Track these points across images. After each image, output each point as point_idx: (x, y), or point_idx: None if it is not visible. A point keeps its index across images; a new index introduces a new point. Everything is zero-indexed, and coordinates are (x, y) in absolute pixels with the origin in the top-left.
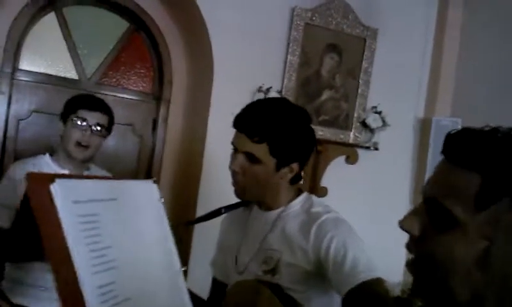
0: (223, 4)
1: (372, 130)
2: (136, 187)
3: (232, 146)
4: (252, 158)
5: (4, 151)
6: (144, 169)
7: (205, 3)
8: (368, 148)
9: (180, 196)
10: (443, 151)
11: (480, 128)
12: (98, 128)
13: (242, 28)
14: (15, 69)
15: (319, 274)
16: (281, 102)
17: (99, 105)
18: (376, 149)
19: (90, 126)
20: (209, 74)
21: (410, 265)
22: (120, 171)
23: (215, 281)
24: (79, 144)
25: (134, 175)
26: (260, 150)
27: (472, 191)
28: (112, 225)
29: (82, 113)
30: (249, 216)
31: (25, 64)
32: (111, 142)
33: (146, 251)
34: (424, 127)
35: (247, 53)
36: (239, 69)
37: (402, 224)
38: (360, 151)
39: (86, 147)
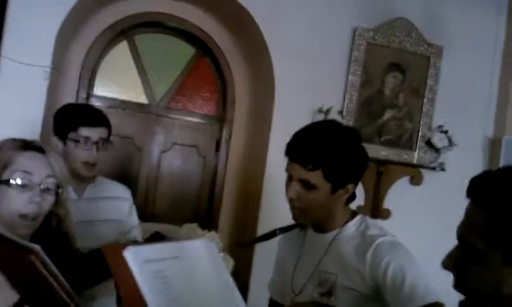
0: (285, 27)
1: (437, 150)
2: (196, 245)
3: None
4: (308, 185)
5: None
6: (207, 189)
7: (267, 26)
8: (434, 168)
9: (242, 216)
10: (466, 192)
11: (504, 167)
12: (102, 143)
13: (304, 49)
14: (90, 95)
15: (376, 298)
16: (330, 125)
17: (100, 120)
18: (443, 170)
19: (95, 143)
20: (271, 95)
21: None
22: (185, 190)
23: (272, 302)
24: (86, 163)
25: (198, 195)
26: (315, 177)
27: (481, 227)
28: (178, 279)
29: (84, 131)
30: (304, 238)
31: (99, 90)
32: (176, 162)
33: (210, 300)
34: (493, 147)
35: (308, 74)
36: (300, 90)
37: (442, 264)
38: (425, 172)
39: (94, 165)
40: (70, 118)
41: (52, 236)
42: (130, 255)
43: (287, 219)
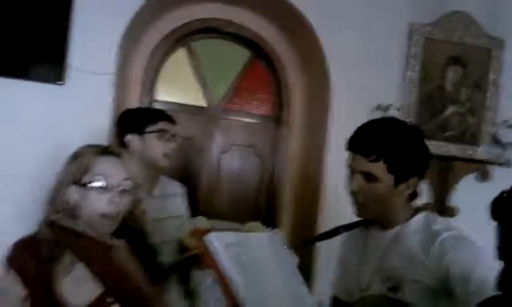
0: (339, 26)
1: (504, 145)
2: (265, 237)
3: (347, 168)
4: (370, 177)
5: None
6: (265, 188)
7: (321, 26)
8: (501, 164)
9: (301, 215)
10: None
11: None
12: (178, 137)
13: (360, 47)
14: (152, 100)
15: (444, 290)
16: (391, 120)
17: (172, 117)
18: (511, 165)
19: (173, 136)
20: (326, 95)
21: None
22: (244, 190)
23: (336, 300)
24: (165, 155)
25: (257, 194)
26: (378, 168)
27: (506, 242)
28: (252, 263)
29: (165, 125)
30: (367, 235)
31: (160, 96)
32: (234, 162)
33: (278, 286)
34: None
35: (365, 72)
36: (356, 88)
37: (496, 289)
38: (493, 168)
39: (171, 156)
40: (149, 114)
41: (130, 233)
42: (214, 239)
43: (346, 218)
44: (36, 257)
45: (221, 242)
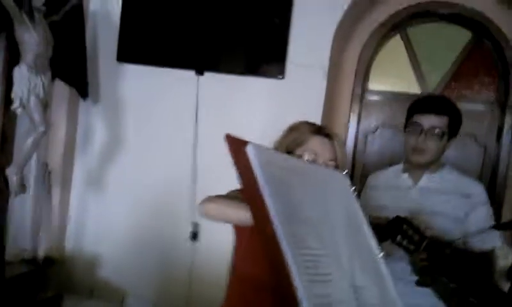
0: None
1: None
2: (328, 173)
3: None
4: None
5: (354, 163)
6: (487, 181)
7: None
8: None
9: None
10: None
11: None
12: (434, 131)
13: None
14: (365, 90)
15: None
16: None
17: (433, 107)
18: None
19: (423, 130)
20: None
21: None
22: None
23: None
24: (414, 149)
25: None
26: None
27: None
28: (300, 193)
29: (417, 118)
30: None
31: (373, 85)
32: (452, 153)
33: (334, 225)
34: None
35: None
36: None
37: None
38: None
39: (421, 151)
40: (410, 108)
41: None
42: (252, 151)
43: None
44: None
45: (261, 157)
